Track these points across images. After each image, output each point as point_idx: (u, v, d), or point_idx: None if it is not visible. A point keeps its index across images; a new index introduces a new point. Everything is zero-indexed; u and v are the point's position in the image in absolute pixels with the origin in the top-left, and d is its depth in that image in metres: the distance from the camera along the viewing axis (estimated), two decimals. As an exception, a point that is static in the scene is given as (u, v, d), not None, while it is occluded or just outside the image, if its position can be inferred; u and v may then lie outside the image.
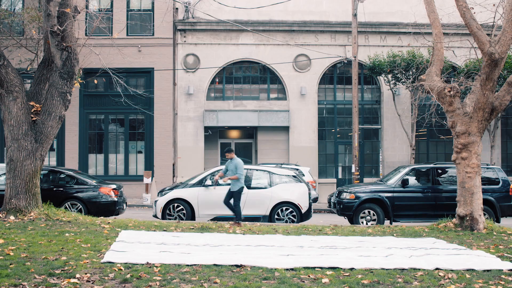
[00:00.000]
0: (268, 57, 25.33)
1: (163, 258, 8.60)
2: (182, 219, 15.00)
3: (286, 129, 25.46)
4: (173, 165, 24.72)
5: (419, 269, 8.40)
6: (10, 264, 7.79)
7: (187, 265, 8.18)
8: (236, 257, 8.86)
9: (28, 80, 21.92)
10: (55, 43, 13.09)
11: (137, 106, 22.67)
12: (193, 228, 12.38)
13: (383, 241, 11.22)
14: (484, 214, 15.05)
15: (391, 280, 7.67)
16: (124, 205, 15.99)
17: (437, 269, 8.46)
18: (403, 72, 23.46)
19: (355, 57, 22.98)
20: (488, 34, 13.11)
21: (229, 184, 14.35)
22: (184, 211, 15.18)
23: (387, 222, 15.97)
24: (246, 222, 14.10)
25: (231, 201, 14.18)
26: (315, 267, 8.27)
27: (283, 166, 20.00)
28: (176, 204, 15.25)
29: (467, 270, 8.49)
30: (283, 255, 9.20)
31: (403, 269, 8.41)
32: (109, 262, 8.18)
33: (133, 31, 24.79)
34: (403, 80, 23.84)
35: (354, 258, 9.02)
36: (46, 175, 15.41)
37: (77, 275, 7.29)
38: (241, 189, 14.06)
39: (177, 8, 24.96)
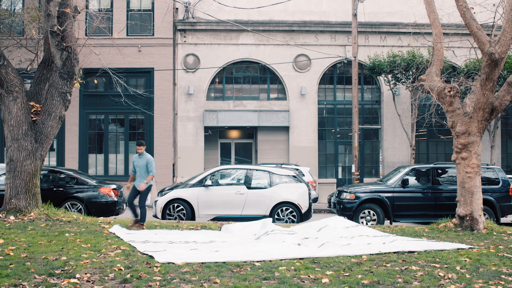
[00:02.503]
0: (268, 57, 25.32)
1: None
2: (182, 219, 15.00)
3: (286, 129, 25.46)
4: (173, 165, 24.71)
5: (389, 254, 9.53)
6: (10, 264, 7.79)
7: (187, 265, 8.18)
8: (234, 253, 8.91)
9: (28, 80, 21.92)
10: (55, 43, 13.09)
11: (137, 106, 22.67)
12: (193, 228, 12.38)
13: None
14: (484, 214, 15.06)
15: (391, 280, 7.67)
16: (124, 205, 15.99)
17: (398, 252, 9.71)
18: (403, 72, 23.45)
19: (355, 57, 22.98)
20: (488, 34, 13.12)
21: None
22: (184, 211, 15.18)
23: (387, 222, 15.97)
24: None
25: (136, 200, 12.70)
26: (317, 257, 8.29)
27: (283, 166, 20.00)
28: (176, 204, 15.25)
29: (425, 250, 9.88)
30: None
31: (402, 269, 8.42)
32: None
33: (133, 31, 24.79)
34: (403, 80, 23.83)
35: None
36: (46, 175, 15.40)
37: (77, 275, 7.30)
38: (149, 187, 12.61)
39: (177, 8, 24.95)
